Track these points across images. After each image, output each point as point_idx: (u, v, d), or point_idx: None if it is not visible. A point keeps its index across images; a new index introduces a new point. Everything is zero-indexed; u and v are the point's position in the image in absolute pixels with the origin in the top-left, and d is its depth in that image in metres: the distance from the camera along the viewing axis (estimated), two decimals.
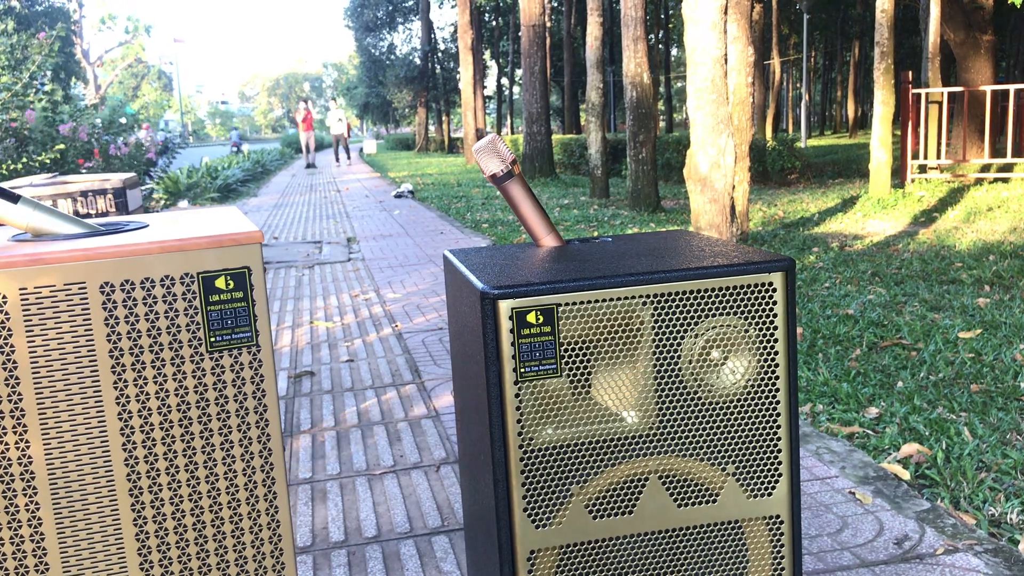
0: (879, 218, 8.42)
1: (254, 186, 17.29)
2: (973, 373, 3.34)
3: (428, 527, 2.29)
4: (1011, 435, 2.74)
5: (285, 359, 4.04)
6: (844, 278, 5.36)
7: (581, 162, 17.81)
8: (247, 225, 1.26)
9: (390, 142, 45.35)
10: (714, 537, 1.36)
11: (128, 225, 1.36)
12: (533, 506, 1.29)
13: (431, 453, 2.80)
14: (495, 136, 1.51)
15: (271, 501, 1.26)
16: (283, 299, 5.51)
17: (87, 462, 1.17)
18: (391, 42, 41.02)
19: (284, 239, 8.65)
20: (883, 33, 9.62)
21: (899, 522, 2.18)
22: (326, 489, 2.57)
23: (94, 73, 40.65)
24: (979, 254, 6.01)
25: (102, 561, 1.19)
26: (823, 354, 3.71)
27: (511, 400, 1.26)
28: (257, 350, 1.22)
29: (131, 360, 1.17)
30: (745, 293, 1.32)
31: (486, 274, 1.34)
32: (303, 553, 2.19)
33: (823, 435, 2.81)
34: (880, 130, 9.71)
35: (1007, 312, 4.26)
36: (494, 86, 44.17)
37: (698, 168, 5.63)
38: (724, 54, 5.52)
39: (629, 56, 9.66)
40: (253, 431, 1.23)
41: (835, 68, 43.74)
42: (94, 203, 3.23)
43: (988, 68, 13.61)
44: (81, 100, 10.09)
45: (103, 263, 1.15)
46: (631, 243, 1.57)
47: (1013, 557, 1.98)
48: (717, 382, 1.32)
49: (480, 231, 8.39)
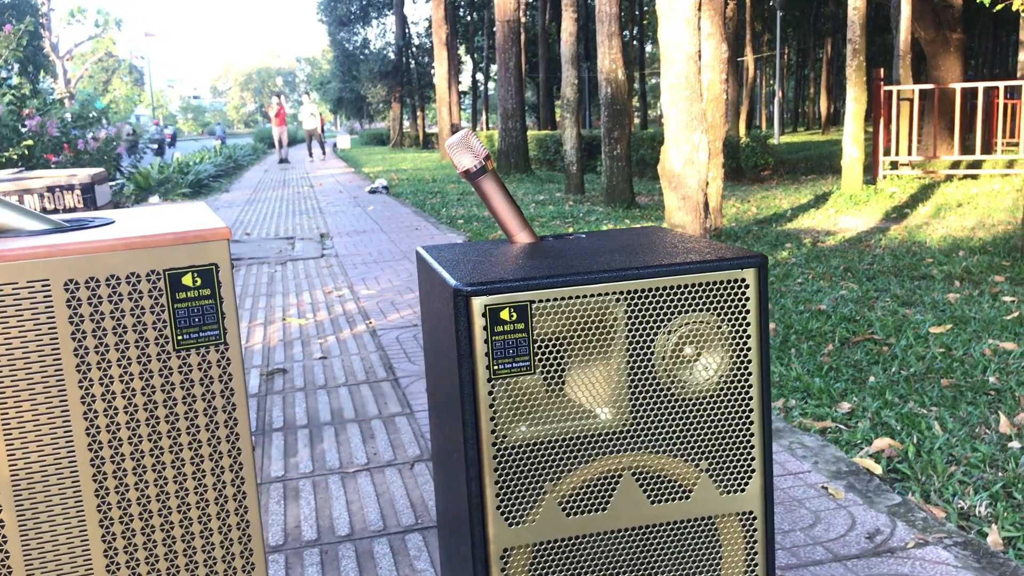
0: (851, 214, 8.49)
1: (226, 181, 17.15)
2: (943, 368, 3.37)
3: (401, 525, 2.27)
4: (980, 429, 2.76)
5: (257, 356, 4.01)
6: (816, 274, 5.40)
7: (556, 158, 17.82)
8: (214, 221, 1.24)
9: (364, 137, 45.14)
10: (687, 533, 1.36)
11: (93, 221, 1.33)
12: (506, 504, 1.28)
13: (405, 451, 2.79)
14: (468, 131, 1.50)
15: (240, 501, 1.24)
16: (255, 296, 5.46)
17: (51, 463, 1.15)
18: (365, 36, 40.83)
19: (256, 235, 8.58)
20: (855, 31, 9.70)
21: (871, 516, 2.20)
22: (299, 487, 2.54)
23: (63, 67, 40.11)
24: (949, 250, 6.08)
25: (67, 563, 1.17)
26: (796, 349, 3.73)
27: (484, 397, 1.25)
28: (225, 348, 1.20)
29: (96, 359, 1.15)
30: (718, 289, 1.31)
31: (459, 271, 1.33)
32: (275, 552, 2.17)
33: (796, 430, 2.82)
34: (852, 127, 9.78)
35: (976, 307, 4.31)
36: (469, 81, 44.11)
37: (672, 164, 5.64)
38: (698, 50, 5.53)
39: (604, 52, 9.67)
40: (222, 430, 1.21)
41: (808, 65, 44.06)
42: (61, 199, 3.18)
43: (958, 66, 13.76)
44: (50, 94, 9.95)
45: (67, 260, 1.13)
46: (605, 240, 1.56)
47: (982, 550, 2.00)
48: (690, 378, 1.32)
49: (455, 227, 8.37)
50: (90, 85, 52.87)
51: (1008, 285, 4.84)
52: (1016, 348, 3.56)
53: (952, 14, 13.58)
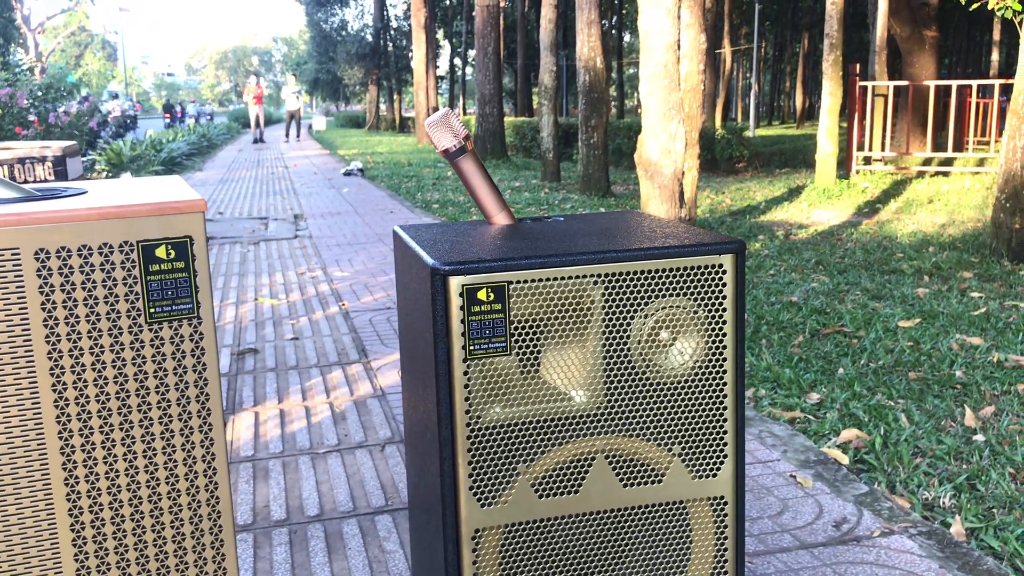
0: (824, 208, 8.56)
1: (199, 160, 16.96)
2: (911, 361, 3.41)
3: (372, 506, 2.27)
4: (946, 422, 2.80)
5: (228, 336, 3.98)
6: (789, 266, 5.44)
7: (533, 145, 17.80)
8: (190, 193, 1.23)
9: (340, 119, 44.81)
10: (659, 517, 1.37)
11: (66, 191, 1.31)
12: (479, 485, 1.28)
13: (376, 432, 2.78)
14: (448, 111, 1.49)
15: (211, 477, 1.23)
16: (227, 275, 5.42)
17: (18, 435, 1.13)
18: (343, 18, 40.46)
19: (229, 214, 8.50)
20: (833, 26, 9.75)
21: (838, 505, 2.22)
22: (268, 467, 2.53)
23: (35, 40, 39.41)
24: (919, 245, 6.14)
25: (32, 537, 1.16)
26: (767, 340, 3.76)
27: (459, 378, 1.25)
28: (198, 322, 1.19)
29: (66, 330, 1.13)
30: (695, 274, 1.32)
31: (437, 250, 1.32)
32: (244, 531, 2.16)
33: (766, 419, 2.85)
34: (827, 121, 9.85)
35: (945, 302, 4.36)
36: (447, 66, 43.87)
37: (649, 153, 5.65)
38: (677, 40, 5.53)
39: (583, 40, 9.65)
40: (193, 405, 1.20)
41: (785, 59, 44.28)
42: (32, 171, 3.13)
43: (932, 64, 13.89)
44: (19, 67, 9.77)
45: (38, 229, 1.11)
46: (583, 223, 1.56)
47: (946, 539, 2.03)
48: (665, 363, 1.33)
49: (430, 211, 8.34)
50: (62, 59, 52.04)
51: (976, 281, 4.90)
52: (983, 343, 3.61)
53: (928, 12, 13.70)
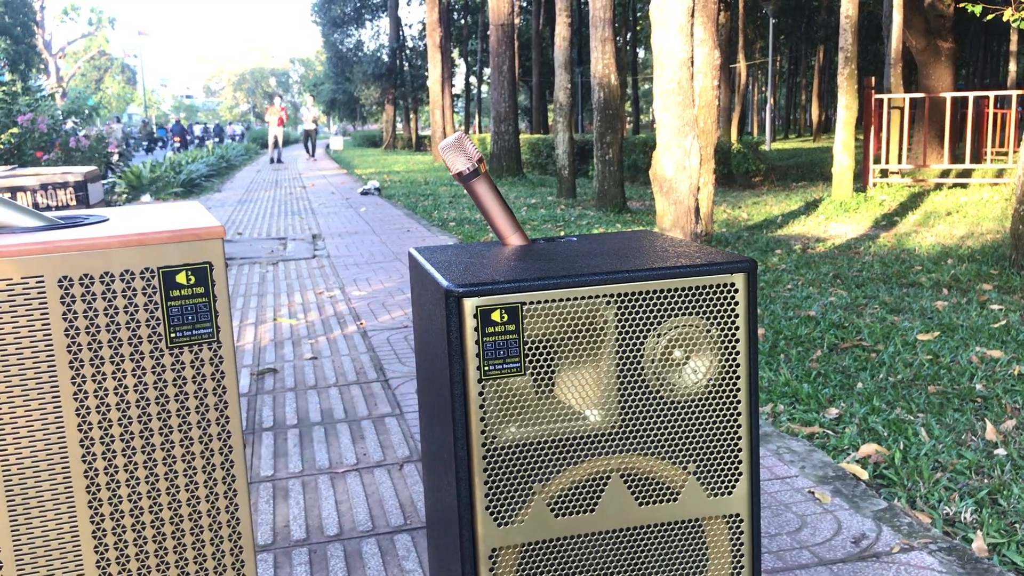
0: (841, 221, 8.53)
1: (218, 181, 17.12)
2: (931, 375, 3.39)
3: (390, 525, 2.28)
4: (966, 436, 2.78)
5: (248, 356, 4.01)
6: (806, 280, 5.43)
7: (548, 162, 17.84)
8: (209, 220, 1.25)
9: (357, 139, 45.08)
10: (674, 535, 1.37)
11: (88, 218, 1.34)
12: (495, 504, 1.29)
13: (394, 451, 2.80)
14: (462, 134, 1.51)
15: (231, 499, 1.25)
16: (247, 295, 5.46)
17: (43, 459, 1.15)
18: (359, 38, 40.86)
19: (248, 235, 8.57)
20: (847, 39, 9.75)
21: (857, 521, 2.22)
22: (288, 487, 2.55)
23: (56, 65, 39.96)
24: (938, 258, 6.11)
25: (57, 560, 1.18)
26: (785, 355, 3.75)
27: (474, 398, 1.26)
28: (218, 346, 1.21)
29: (89, 355, 1.15)
30: (707, 293, 1.33)
31: (451, 272, 1.34)
32: (264, 551, 2.17)
33: (784, 435, 2.84)
34: (843, 134, 9.83)
35: (964, 315, 4.34)
36: (462, 84, 44.11)
37: (664, 169, 5.66)
38: (691, 56, 5.55)
39: (597, 57, 9.69)
40: (213, 428, 1.22)
41: (800, 72, 44.22)
42: (54, 196, 3.18)
43: (948, 75, 13.84)
44: (40, 91, 9.92)
45: (62, 256, 1.13)
46: (596, 243, 1.58)
47: (966, 556, 2.02)
48: (679, 381, 1.34)
49: (447, 229, 8.38)
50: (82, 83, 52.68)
51: (996, 293, 4.87)
52: (1003, 356, 3.59)
53: (943, 24, 13.66)
